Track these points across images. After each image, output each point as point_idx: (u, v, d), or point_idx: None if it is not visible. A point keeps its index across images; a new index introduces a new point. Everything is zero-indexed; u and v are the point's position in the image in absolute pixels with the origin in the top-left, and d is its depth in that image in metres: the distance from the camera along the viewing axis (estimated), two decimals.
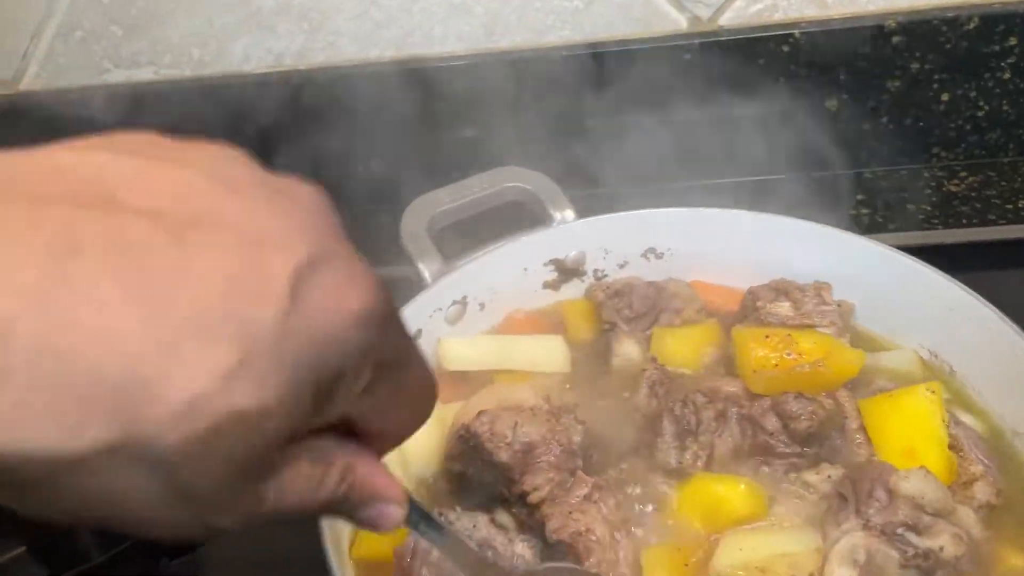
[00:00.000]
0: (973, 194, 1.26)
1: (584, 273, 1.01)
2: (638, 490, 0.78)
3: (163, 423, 0.35)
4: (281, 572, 0.89)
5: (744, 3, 1.20)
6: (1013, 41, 1.22)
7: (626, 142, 1.12)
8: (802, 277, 0.91)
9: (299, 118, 1.24)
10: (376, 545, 0.75)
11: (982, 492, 0.74)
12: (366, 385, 0.41)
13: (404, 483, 0.50)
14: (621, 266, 1.00)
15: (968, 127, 1.28)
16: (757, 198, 1.05)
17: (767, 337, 0.81)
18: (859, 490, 0.70)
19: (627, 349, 0.91)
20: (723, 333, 0.89)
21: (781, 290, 0.87)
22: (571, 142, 1.18)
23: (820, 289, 0.87)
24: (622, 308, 0.92)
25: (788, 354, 0.80)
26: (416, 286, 0.95)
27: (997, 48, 1.22)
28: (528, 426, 0.77)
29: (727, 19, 1.22)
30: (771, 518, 0.74)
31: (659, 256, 1.00)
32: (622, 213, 0.98)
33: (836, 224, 0.95)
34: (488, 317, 0.99)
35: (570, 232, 0.99)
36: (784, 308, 0.86)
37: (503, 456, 0.75)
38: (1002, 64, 1.24)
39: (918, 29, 1.20)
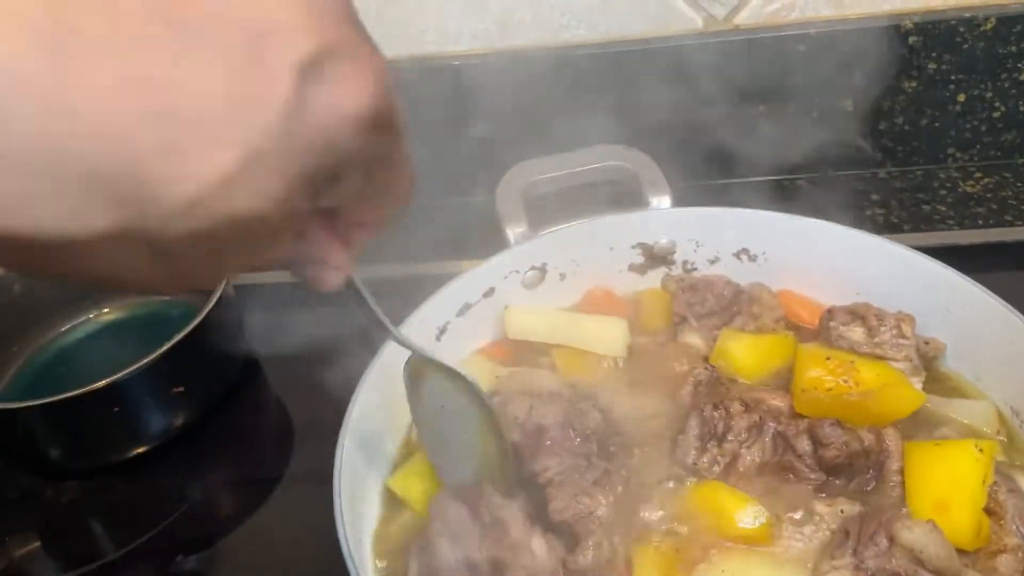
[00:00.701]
0: (989, 195, 1.25)
1: (673, 263, 1.00)
2: (650, 483, 0.76)
3: (162, 220, 0.35)
4: (293, 567, 0.89)
5: (760, 2, 1.19)
6: None
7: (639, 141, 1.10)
8: (894, 305, 0.87)
9: None
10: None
11: (1006, 566, 0.68)
12: (358, 181, 0.42)
13: None
14: (712, 262, 0.98)
15: (984, 128, 1.27)
16: (773, 196, 1.04)
17: (828, 359, 0.79)
18: (863, 530, 0.67)
19: (689, 344, 0.89)
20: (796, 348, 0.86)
21: (859, 314, 0.84)
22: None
23: (901, 321, 0.83)
24: (694, 303, 0.90)
25: (844, 380, 0.77)
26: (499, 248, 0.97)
27: (1014, 49, 1.22)
28: (543, 409, 0.78)
29: (743, 18, 1.21)
30: (774, 543, 0.71)
31: (752, 258, 0.97)
32: (718, 208, 0.97)
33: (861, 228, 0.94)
34: (566, 289, 1.00)
35: (661, 218, 0.98)
36: (857, 333, 0.83)
37: (514, 436, 0.77)
38: (1019, 65, 1.23)
39: (934, 29, 1.20)
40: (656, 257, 0.99)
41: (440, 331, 0.95)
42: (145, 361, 0.93)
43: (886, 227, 1.12)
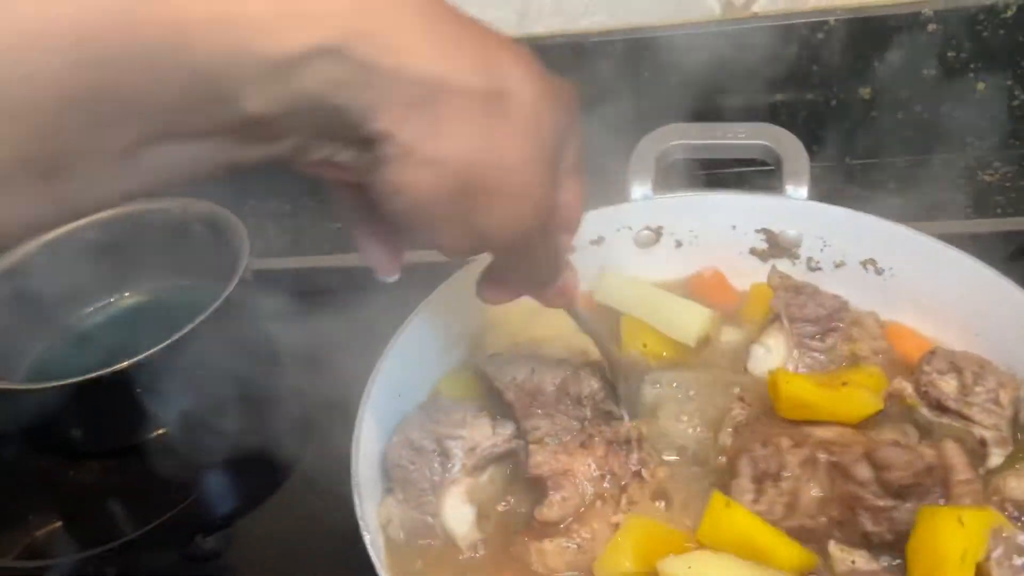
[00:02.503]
0: (1007, 184, 1.24)
1: (797, 257, 0.97)
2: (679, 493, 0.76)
3: (519, 83, 0.52)
4: (311, 547, 0.89)
5: None
6: None
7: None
8: (1010, 356, 0.81)
9: None
10: None
11: None
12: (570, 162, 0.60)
13: None
14: (838, 265, 0.95)
15: (1003, 117, 1.25)
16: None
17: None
18: None
19: (772, 344, 0.87)
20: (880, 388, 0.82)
21: (957, 366, 0.78)
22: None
23: (1002, 386, 0.77)
24: (793, 305, 0.87)
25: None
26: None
27: None
28: (543, 372, 0.80)
29: (760, 6, 1.20)
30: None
31: (879, 272, 0.93)
32: (853, 211, 0.93)
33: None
34: (680, 259, 0.99)
35: (793, 208, 0.95)
36: (950, 386, 0.78)
37: (509, 396, 0.80)
38: None
39: (954, 17, 1.19)
40: (780, 247, 0.97)
41: None
42: (167, 342, 0.94)
43: (903, 216, 1.09)
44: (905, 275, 0.91)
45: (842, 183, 1.24)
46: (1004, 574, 0.64)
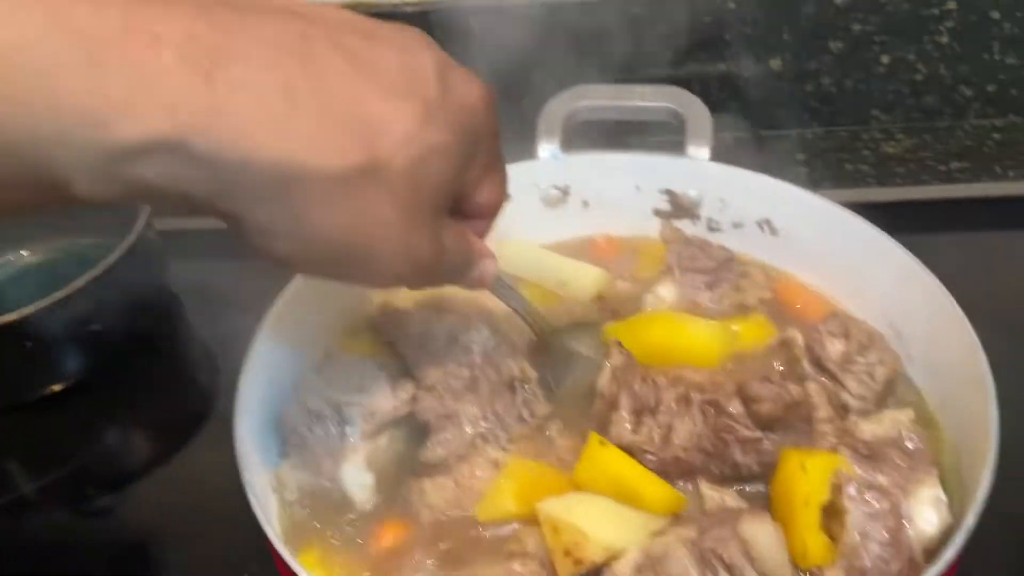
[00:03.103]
0: (908, 156, 1.28)
1: (698, 217, 0.99)
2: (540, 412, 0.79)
3: (391, 150, 0.51)
4: (209, 507, 0.90)
5: None
6: (952, 5, 1.26)
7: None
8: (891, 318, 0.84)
9: None
10: None
11: None
12: (486, 157, 0.61)
13: None
14: (736, 226, 0.97)
15: (906, 90, 1.31)
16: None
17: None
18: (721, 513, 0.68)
19: (664, 293, 0.89)
20: (764, 335, 0.85)
21: (849, 333, 0.80)
22: None
23: (883, 362, 0.79)
24: (683, 256, 0.90)
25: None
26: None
27: (936, 11, 1.27)
28: (435, 324, 0.81)
29: None
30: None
31: (774, 232, 0.96)
32: (743, 170, 0.95)
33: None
34: (586, 219, 1.01)
35: (692, 168, 0.97)
36: (835, 348, 0.79)
37: (401, 347, 0.82)
38: (940, 28, 1.28)
39: None
40: (682, 208, 0.99)
41: None
42: (57, 295, 0.92)
43: (809, 185, 1.12)
44: (798, 235, 0.94)
45: (752, 154, 1.26)
46: (857, 508, 0.66)
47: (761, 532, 0.63)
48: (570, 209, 1.01)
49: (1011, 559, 0.81)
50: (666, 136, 1.04)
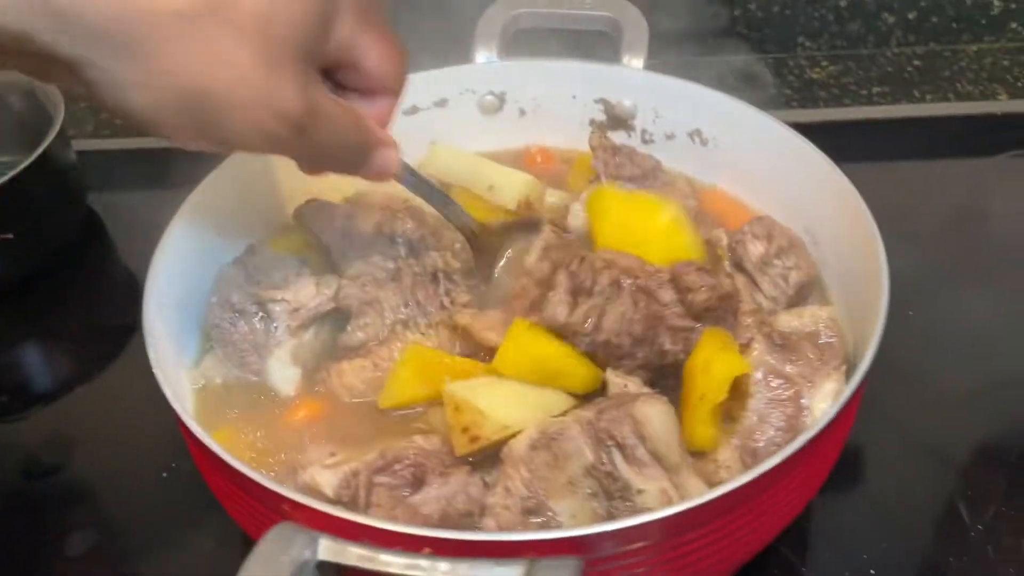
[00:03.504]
0: (832, 81, 1.31)
1: (632, 128, 1.00)
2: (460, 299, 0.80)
3: None
4: (120, 423, 0.89)
5: None
6: None
7: None
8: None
9: None
10: None
11: (724, 456, 0.69)
12: (356, 13, 0.57)
13: None
14: (669, 137, 0.98)
15: (831, 17, 1.35)
16: None
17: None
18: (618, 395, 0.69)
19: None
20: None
21: (771, 236, 0.81)
22: None
23: (799, 267, 0.80)
24: (610, 164, 0.90)
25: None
26: None
27: None
28: (362, 216, 0.81)
29: None
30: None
31: (704, 142, 0.97)
32: (677, 79, 0.96)
33: None
34: (522, 129, 1.01)
35: (625, 77, 0.98)
36: (755, 249, 0.81)
37: (325, 239, 0.82)
38: None
39: None
40: (617, 118, 1.00)
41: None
42: None
43: None
44: (726, 144, 0.95)
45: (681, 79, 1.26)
46: (761, 393, 0.70)
47: (654, 413, 0.65)
48: (506, 117, 1.01)
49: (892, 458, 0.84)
50: (603, 52, 1.03)
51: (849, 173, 0.84)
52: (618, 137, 0.98)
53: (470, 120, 1.00)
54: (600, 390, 0.72)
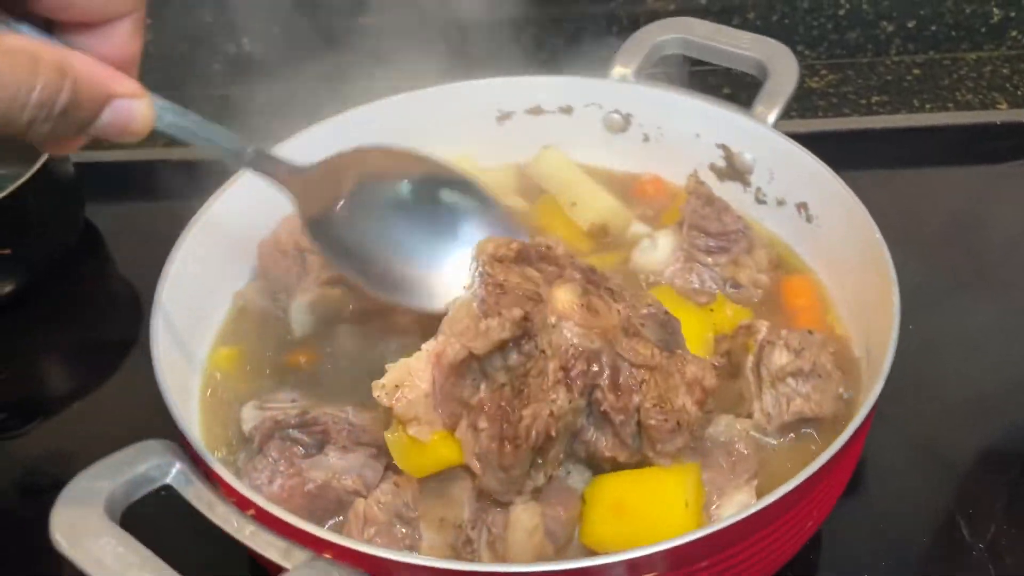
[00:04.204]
0: (831, 90, 1.30)
1: (748, 184, 0.95)
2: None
3: None
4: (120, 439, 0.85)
5: None
6: None
7: None
8: None
9: None
10: None
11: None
12: None
13: None
14: (779, 203, 0.92)
15: (830, 26, 1.34)
16: None
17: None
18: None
19: (662, 241, 0.87)
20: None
21: (800, 354, 0.74)
22: None
23: (809, 396, 0.74)
24: (697, 213, 0.86)
25: None
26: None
27: None
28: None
29: None
30: None
31: (808, 219, 0.89)
32: (795, 145, 0.89)
33: None
34: (641, 155, 0.99)
35: (748, 129, 0.93)
36: (778, 359, 0.74)
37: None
38: None
39: None
40: (735, 168, 0.95)
41: (504, 116, 1.00)
42: None
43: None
44: (828, 226, 0.87)
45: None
46: None
47: (519, 524, 0.64)
48: (629, 139, 0.99)
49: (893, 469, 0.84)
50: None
51: (848, 182, 0.83)
52: (733, 189, 0.95)
53: (592, 133, 1.00)
54: None
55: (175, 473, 0.62)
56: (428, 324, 0.70)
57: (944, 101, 1.29)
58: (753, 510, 0.57)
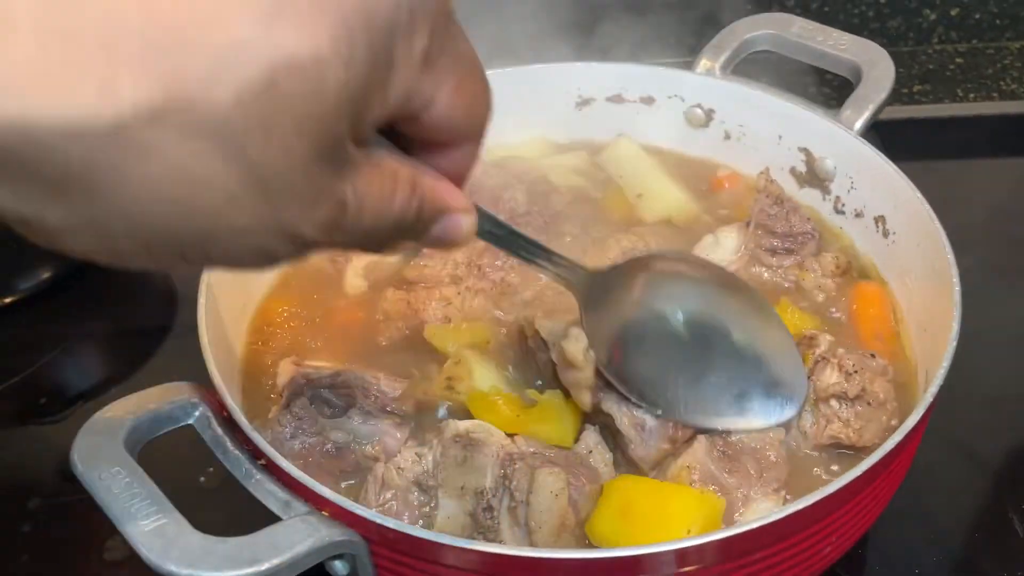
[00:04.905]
0: None
1: (828, 191, 0.91)
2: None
3: (207, 75, 0.30)
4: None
5: None
6: None
7: None
8: None
9: None
10: None
11: None
12: (423, 54, 0.38)
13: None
14: (857, 214, 0.88)
15: (871, 14, 1.33)
16: None
17: None
18: None
19: (726, 240, 0.85)
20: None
21: (850, 376, 0.71)
22: None
23: (849, 424, 0.70)
24: (766, 211, 0.84)
25: None
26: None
27: None
28: (483, 176, 0.85)
29: None
30: None
31: (885, 233, 0.85)
32: (879, 155, 0.85)
33: None
34: (721, 152, 0.97)
35: (832, 135, 0.89)
36: (827, 378, 0.71)
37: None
38: None
39: None
40: (815, 175, 0.92)
41: (584, 102, 0.99)
42: None
43: None
44: (904, 244, 0.83)
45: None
46: None
47: (545, 486, 0.63)
48: (710, 135, 0.97)
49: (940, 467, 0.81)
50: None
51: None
52: (811, 196, 0.92)
53: (672, 126, 0.98)
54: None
55: (198, 415, 0.63)
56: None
57: (988, 90, 1.27)
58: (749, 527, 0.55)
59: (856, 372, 0.71)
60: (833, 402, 0.70)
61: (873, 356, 0.73)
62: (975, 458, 0.83)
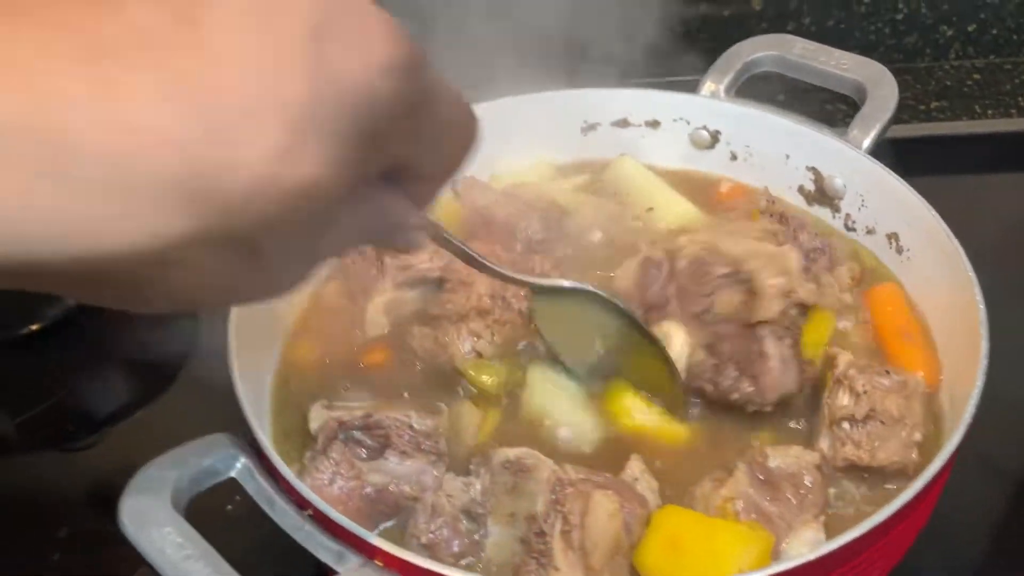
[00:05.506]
0: None
1: (838, 210, 0.93)
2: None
3: (239, 209, 0.36)
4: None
5: None
6: None
7: None
8: None
9: None
10: None
11: None
12: (408, 129, 0.43)
13: None
14: (869, 231, 0.90)
15: (887, 31, 1.33)
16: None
17: None
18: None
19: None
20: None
21: (859, 401, 0.72)
22: None
23: (865, 447, 0.71)
24: (769, 231, 0.84)
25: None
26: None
27: None
28: (499, 205, 0.88)
29: None
30: None
31: (899, 250, 0.86)
32: (890, 174, 0.86)
33: None
34: (731, 174, 0.98)
35: (840, 153, 0.90)
36: (841, 402, 0.72)
37: (465, 212, 0.89)
38: None
39: None
40: (824, 193, 0.93)
41: (589, 127, 1.00)
42: None
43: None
44: (920, 261, 0.84)
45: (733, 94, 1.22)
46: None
47: (601, 510, 0.64)
48: (716, 156, 0.98)
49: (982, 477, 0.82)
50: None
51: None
52: (821, 215, 0.93)
53: (678, 148, 0.98)
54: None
55: (240, 467, 0.63)
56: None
57: (1006, 107, 1.27)
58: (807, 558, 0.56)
59: (864, 393, 0.71)
60: (845, 424, 0.71)
61: (888, 373, 0.73)
62: (1001, 475, 0.82)
